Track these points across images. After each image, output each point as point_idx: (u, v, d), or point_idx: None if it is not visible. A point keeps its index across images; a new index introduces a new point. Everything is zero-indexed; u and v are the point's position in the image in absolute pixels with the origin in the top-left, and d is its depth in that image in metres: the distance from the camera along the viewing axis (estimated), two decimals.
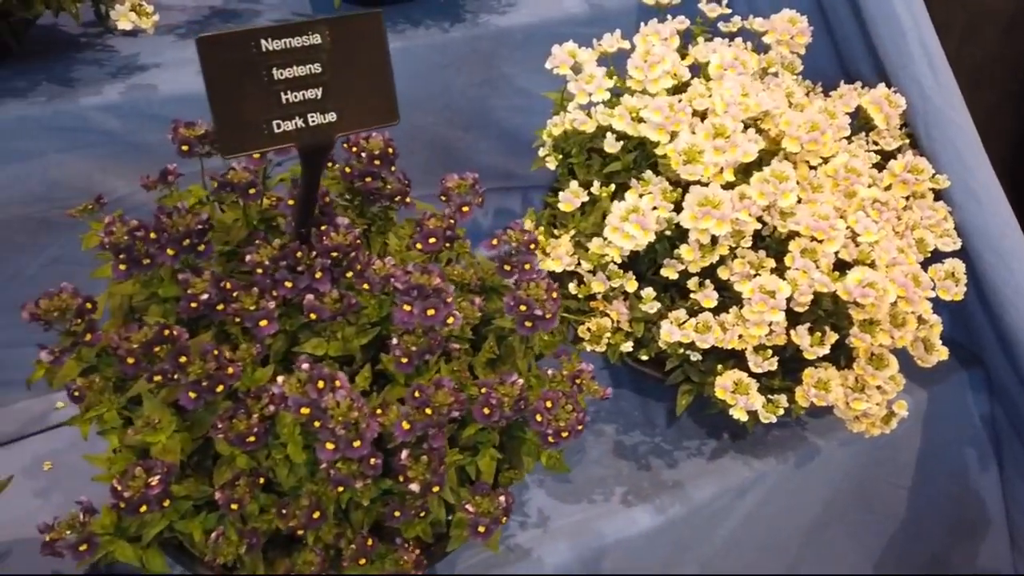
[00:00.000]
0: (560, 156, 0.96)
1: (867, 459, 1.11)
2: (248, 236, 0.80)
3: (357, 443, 0.63)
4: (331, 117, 0.61)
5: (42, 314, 0.66)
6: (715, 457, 1.02)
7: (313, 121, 0.60)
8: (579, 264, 0.90)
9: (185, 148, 0.79)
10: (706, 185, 0.84)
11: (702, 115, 0.91)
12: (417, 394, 0.66)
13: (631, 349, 0.90)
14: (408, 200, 0.82)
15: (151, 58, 1.08)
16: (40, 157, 0.97)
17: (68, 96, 0.98)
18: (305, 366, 0.65)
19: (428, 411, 0.65)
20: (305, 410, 0.63)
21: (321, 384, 0.64)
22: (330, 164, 0.84)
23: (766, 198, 0.84)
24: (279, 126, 0.59)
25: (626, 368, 1.02)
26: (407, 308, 0.69)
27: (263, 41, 0.57)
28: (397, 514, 0.69)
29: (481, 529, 0.71)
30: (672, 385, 0.96)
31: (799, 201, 0.86)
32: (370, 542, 0.69)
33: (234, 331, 0.74)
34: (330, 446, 0.63)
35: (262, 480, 0.68)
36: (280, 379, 0.65)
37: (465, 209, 0.80)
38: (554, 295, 0.73)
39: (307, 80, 0.59)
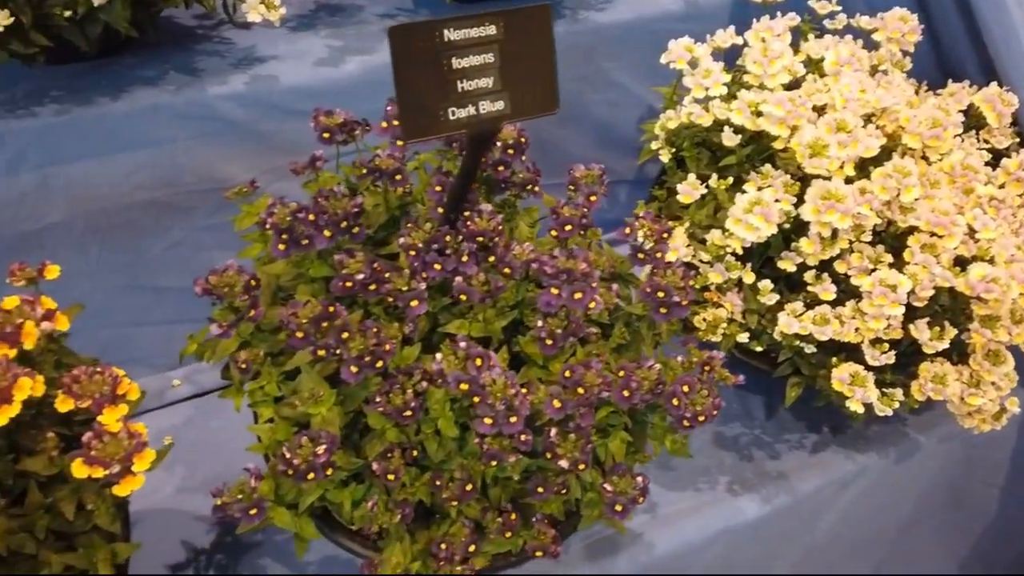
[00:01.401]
0: (673, 150, 0.98)
1: (963, 456, 1.12)
2: (386, 221, 0.83)
3: (513, 419, 0.66)
4: (499, 105, 0.63)
5: (212, 289, 0.69)
6: (817, 450, 1.03)
7: (484, 109, 0.63)
8: (695, 255, 0.92)
9: (326, 135, 0.82)
10: (828, 179, 0.86)
11: (819, 110, 0.92)
12: (568, 374, 0.69)
13: (746, 340, 0.91)
14: (536, 189, 0.85)
15: (268, 50, 1.11)
16: (169, 144, 1.01)
17: (196, 85, 1.02)
18: (463, 344, 0.68)
19: (580, 390, 0.68)
20: (464, 386, 0.66)
21: (479, 362, 0.67)
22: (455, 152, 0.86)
23: (887, 193, 0.86)
24: (453, 113, 0.62)
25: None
26: (555, 291, 0.71)
27: (445, 32, 0.60)
28: (541, 490, 0.71)
29: (618, 508, 0.73)
30: (778, 378, 0.97)
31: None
32: (513, 516, 0.72)
33: (376, 311, 0.77)
34: (488, 421, 0.66)
35: (415, 453, 0.70)
36: (439, 356, 0.68)
37: (593, 198, 0.83)
38: (690, 283, 0.75)
39: (481, 69, 0.62)
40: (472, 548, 0.70)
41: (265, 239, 0.82)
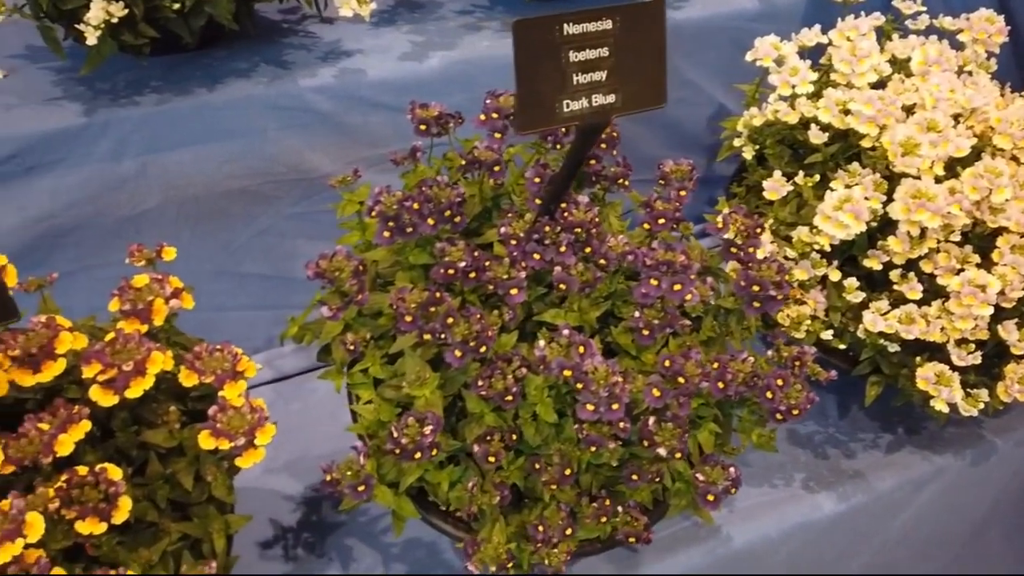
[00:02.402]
0: (756, 147, 0.98)
1: None
2: (480, 212, 0.85)
3: (615, 406, 0.67)
4: (611, 99, 0.65)
5: (324, 272, 0.72)
6: (892, 450, 1.03)
7: (596, 102, 0.64)
8: (779, 251, 0.92)
9: (423, 127, 0.84)
10: (917, 178, 0.86)
11: (907, 110, 0.92)
12: (668, 364, 0.70)
13: (829, 337, 0.91)
14: (627, 184, 0.86)
15: (353, 44, 1.14)
16: (260, 134, 1.04)
17: (287, 77, 1.05)
18: (566, 332, 0.69)
19: (680, 380, 0.69)
20: (567, 372, 0.68)
21: (582, 349, 0.68)
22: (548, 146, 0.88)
23: (978, 193, 0.86)
24: (567, 106, 0.63)
25: None
26: (654, 283, 0.72)
27: (566, 26, 0.61)
28: (635, 477, 0.73)
29: (710, 498, 0.74)
30: (855, 376, 0.97)
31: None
32: (608, 502, 0.73)
33: (471, 299, 0.79)
34: (590, 408, 0.67)
35: (515, 437, 0.72)
36: (541, 343, 0.69)
37: (683, 193, 0.84)
38: (786, 278, 0.76)
39: (596, 63, 0.63)
40: (569, 531, 0.71)
41: (363, 227, 0.85)
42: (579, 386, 0.67)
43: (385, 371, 0.77)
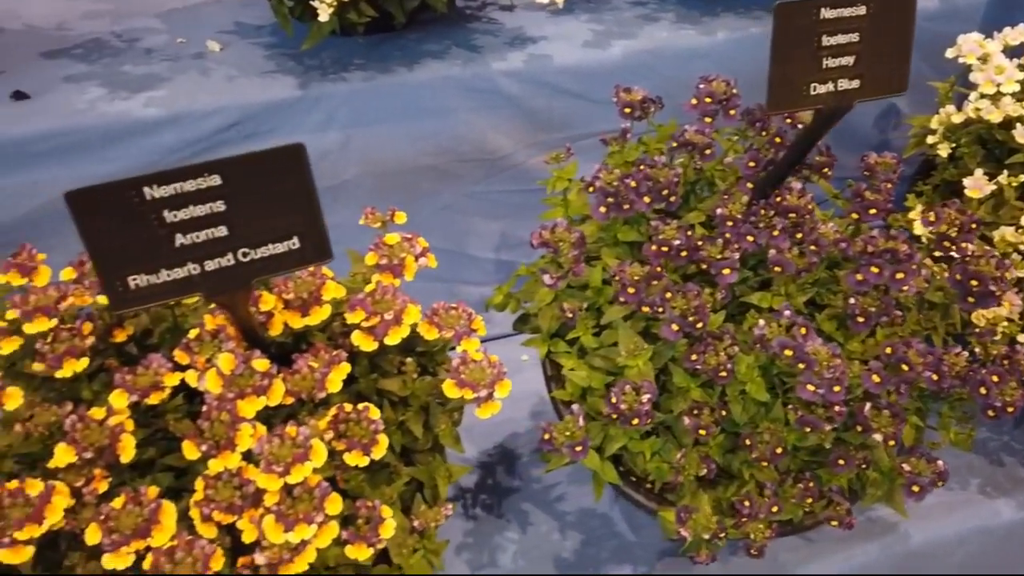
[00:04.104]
0: (952, 145, 0.97)
1: None
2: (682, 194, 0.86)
3: (837, 388, 0.68)
4: (855, 84, 0.66)
5: (548, 242, 0.75)
6: None
7: (841, 87, 0.66)
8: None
9: (628, 111, 0.86)
10: None
11: None
12: (890, 351, 0.70)
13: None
14: (829, 173, 0.86)
15: (536, 31, 1.17)
16: (452, 114, 1.09)
17: (479, 61, 1.10)
18: (788, 313, 0.71)
19: (904, 368, 0.69)
20: (788, 352, 0.69)
21: (804, 331, 0.70)
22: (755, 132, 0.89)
23: None
24: (815, 89, 0.65)
25: None
26: (875, 270, 0.73)
27: (822, 10, 0.63)
28: (842, 462, 0.73)
29: (915, 489, 0.74)
30: None
31: None
32: (812, 484, 0.74)
33: (674, 278, 0.81)
34: (811, 388, 0.68)
35: (724, 413, 0.74)
36: (761, 322, 0.71)
37: (888, 185, 0.84)
38: (1005, 274, 0.75)
39: (846, 48, 0.65)
40: (775, 509, 0.73)
41: (566, 204, 0.88)
42: (800, 366, 0.68)
43: (593, 341, 0.79)
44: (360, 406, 0.63)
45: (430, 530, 0.68)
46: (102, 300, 0.61)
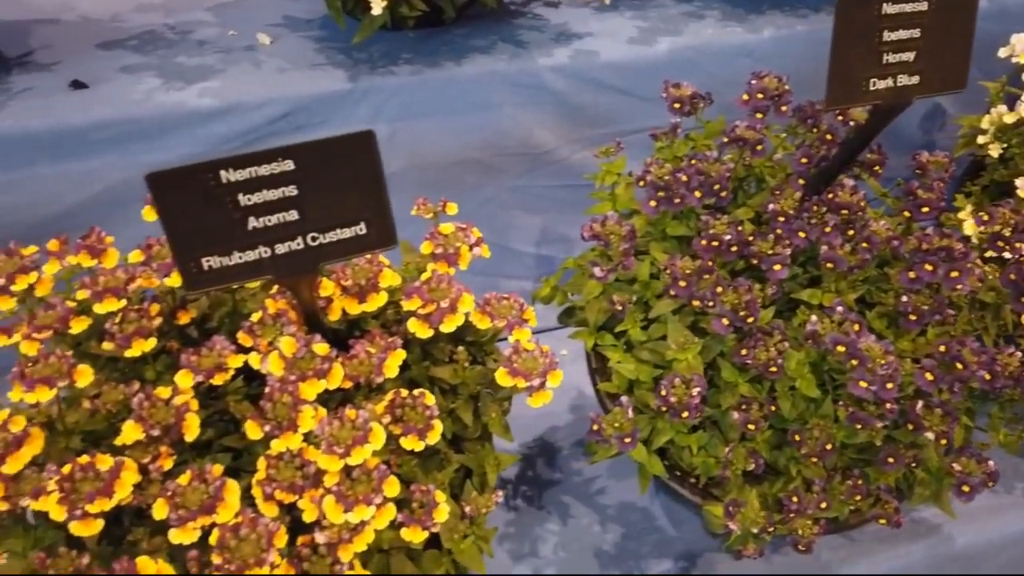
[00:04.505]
0: (1003, 145, 0.96)
1: None
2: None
3: (890, 385, 0.68)
4: (914, 80, 0.66)
5: (600, 235, 0.76)
6: None
7: (900, 82, 0.65)
8: None
9: (677, 106, 0.86)
10: None
11: None
12: (943, 349, 0.70)
13: None
14: (879, 171, 0.86)
15: (581, 27, 1.18)
16: (498, 109, 1.09)
17: (525, 56, 1.10)
18: (840, 309, 0.71)
19: (958, 366, 0.69)
20: (841, 348, 0.69)
21: (856, 327, 0.69)
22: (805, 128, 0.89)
23: None
24: (874, 84, 0.65)
25: None
26: (929, 268, 0.72)
27: (884, 5, 0.63)
28: (891, 460, 0.73)
29: (965, 489, 0.74)
30: None
31: None
32: (860, 481, 0.74)
33: (722, 273, 0.81)
34: (863, 384, 0.68)
35: (773, 408, 0.74)
36: (813, 318, 0.71)
37: (940, 184, 0.83)
38: None
39: (907, 43, 0.64)
40: (824, 505, 0.73)
41: (614, 198, 0.88)
42: (853, 363, 0.68)
43: (641, 334, 0.80)
44: (416, 392, 0.64)
45: (480, 516, 0.69)
46: (168, 283, 0.62)
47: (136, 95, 1.00)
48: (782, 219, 0.76)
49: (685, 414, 0.71)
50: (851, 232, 0.78)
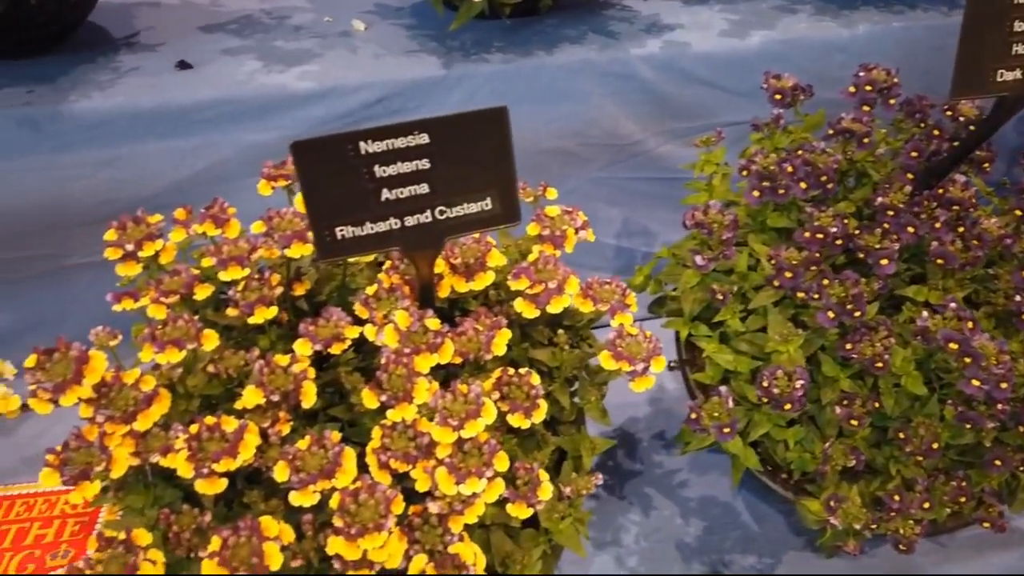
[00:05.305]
0: None
1: None
2: None
3: (1004, 385, 0.66)
4: None
5: (702, 223, 0.75)
6: None
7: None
8: None
9: (778, 97, 0.86)
10: None
11: None
12: None
13: None
14: (988, 168, 0.84)
15: (672, 19, 1.17)
16: (586, 98, 1.10)
17: (616, 46, 1.10)
18: (953, 305, 0.69)
19: None
20: (954, 345, 0.67)
21: (971, 325, 0.68)
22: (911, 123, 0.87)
23: None
24: (1002, 75, 0.63)
25: None
26: None
27: None
28: (998, 463, 0.71)
29: None
30: None
31: None
32: (964, 484, 0.72)
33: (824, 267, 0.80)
34: (976, 383, 0.67)
35: (877, 405, 0.73)
36: (924, 313, 0.70)
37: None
38: None
39: None
40: (926, 505, 0.71)
41: (711, 189, 0.88)
42: (966, 360, 0.67)
43: (740, 325, 0.79)
44: (522, 371, 0.65)
45: (578, 498, 0.69)
46: (289, 253, 0.64)
47: (239, 76, 1.03)
48: (891, 213, 0.75)
49: (788, 406, 0.70)
50: (961, 229, 0.76)
